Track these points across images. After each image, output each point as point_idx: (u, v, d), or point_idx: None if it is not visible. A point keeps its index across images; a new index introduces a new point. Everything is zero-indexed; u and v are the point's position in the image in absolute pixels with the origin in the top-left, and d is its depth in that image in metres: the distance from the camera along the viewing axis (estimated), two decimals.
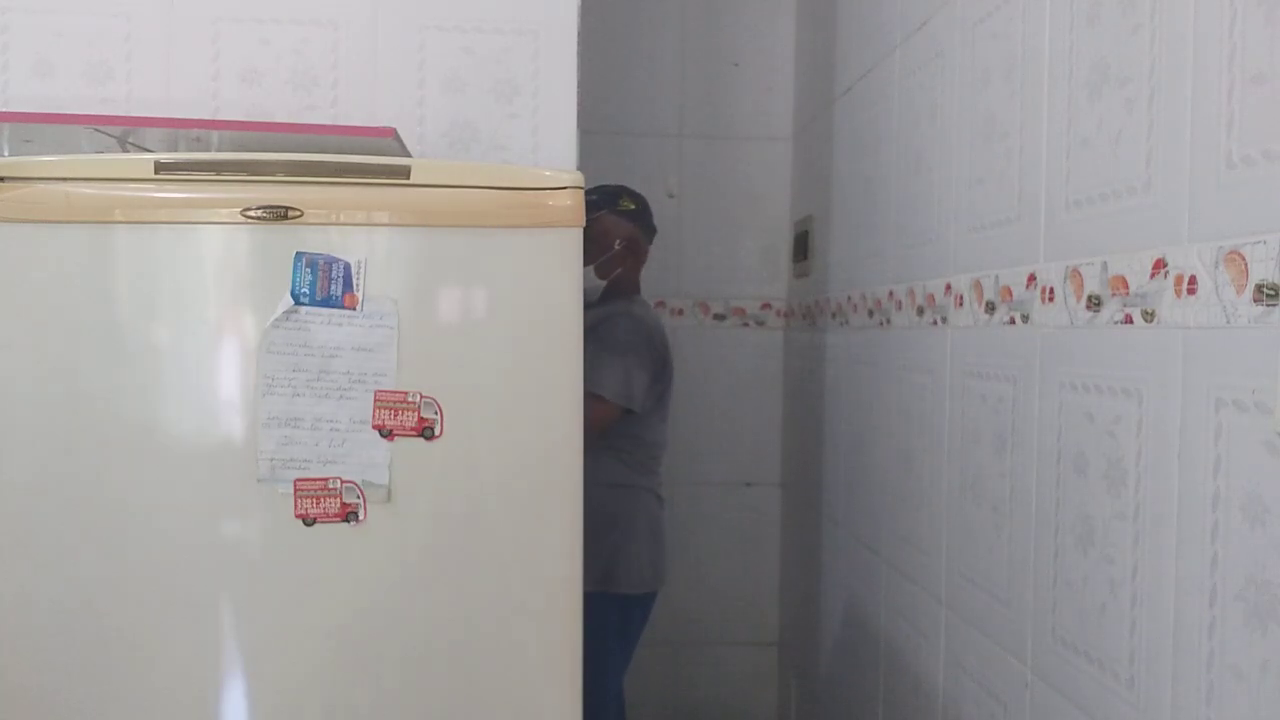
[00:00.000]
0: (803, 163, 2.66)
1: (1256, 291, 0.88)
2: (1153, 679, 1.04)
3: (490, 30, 1.64)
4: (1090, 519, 1.16)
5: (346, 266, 1.17)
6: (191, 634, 1.18)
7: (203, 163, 1.18)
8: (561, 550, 1.22)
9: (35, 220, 1.15)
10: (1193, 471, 0.98)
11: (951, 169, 1.59)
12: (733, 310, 2.78)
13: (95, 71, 1.58)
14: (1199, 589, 0.97)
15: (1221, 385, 0.94)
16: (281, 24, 1.61)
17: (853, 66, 2.17)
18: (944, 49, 1.63)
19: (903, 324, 1.79)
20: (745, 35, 2.76)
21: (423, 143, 1.62)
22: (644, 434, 2.12)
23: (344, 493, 1.18)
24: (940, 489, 1.62)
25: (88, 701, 1.17)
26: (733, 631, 2.82)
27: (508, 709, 1.22)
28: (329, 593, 1.19)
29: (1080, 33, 1.21)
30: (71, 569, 1.16)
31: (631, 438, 2.09)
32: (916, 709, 1.73)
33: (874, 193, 1.99)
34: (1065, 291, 1.21)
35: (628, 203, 2.18)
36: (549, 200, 1.20)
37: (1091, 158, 1.17)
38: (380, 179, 1.18)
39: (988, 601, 1.44)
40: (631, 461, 2.10)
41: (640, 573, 2.10)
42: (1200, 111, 0.98)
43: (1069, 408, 1.21)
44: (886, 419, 1.90)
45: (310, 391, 1.17)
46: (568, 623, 1.22)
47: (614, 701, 2.12)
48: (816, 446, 2.42)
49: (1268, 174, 0.88)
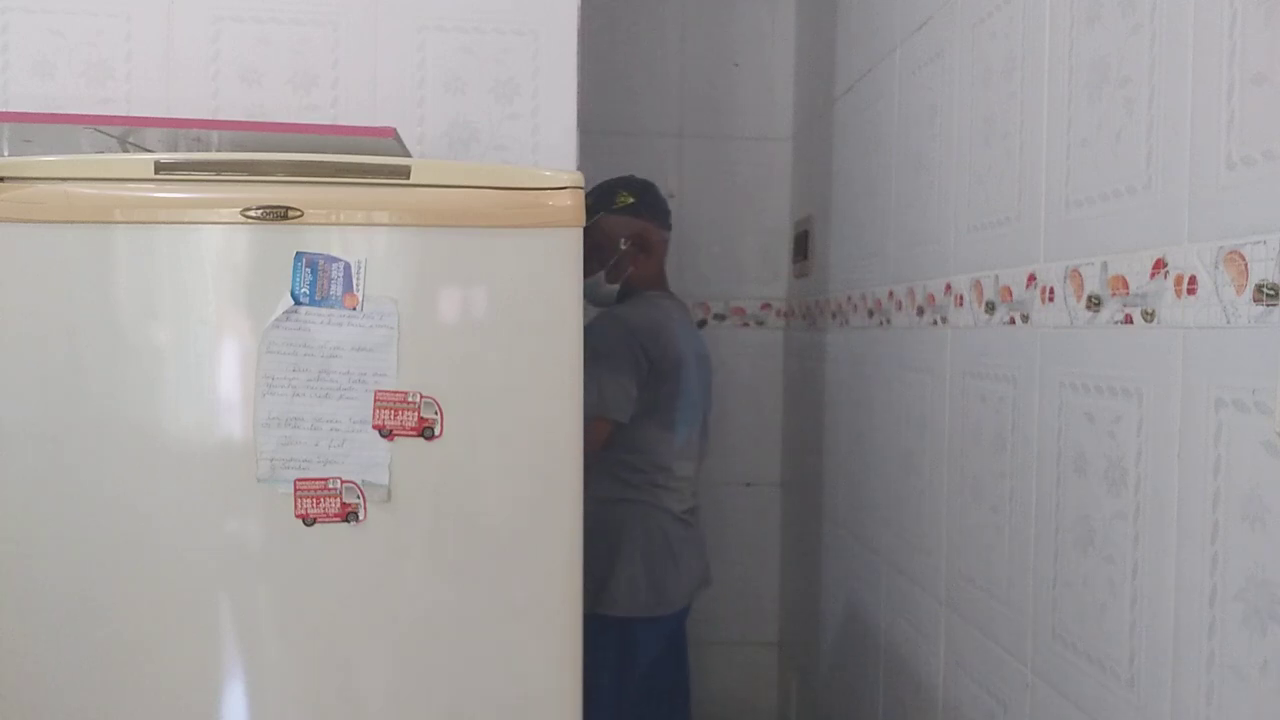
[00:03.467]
0: (803, 163, 2.66)
1: (1256, 291, 0.88)
2: (1153, 679, 1.04)
3: (490, 30, 1.64)
4: (1090, 519, 1.16)
5: (346, 266, 1.17)
6: (191, 634, 1.18)
7: (203, 163, 1.18)
8: (561, 550, 1.22)
9: (35, 220, 1.15)
10: (1193, 471, 0.98)
11: (951, 169, 1.59)
12: (733, 310, 2.78)
13: (95, 71, 1.58)
14: (1199, 589, 0.97)
15: (1221, 385, 0.94)
16: (281, 24, 1.61)
17: (853, 66, 2.17)
18: (944, 49, 1.63)
19: (903, 324, 1.79)
20: (745, 35, 2.76)
21: (423, 143, 1.62)
22: (638, 444, 1.94)
23: (344, 493, 1.18)
24: (940, 489, 1.62)
25: (87, 701, 1.17)
26: (733, 631, 2.82)
27: (507, 709, 1.22)
28: (329, 593, 1.19)
29: (1080, 33, 1.21)
30: (71, 569, 1.16)
31: (623, 449, 1.93)
32: (916, 709, 1.73)
33: (874, 193, 1.99)
34: (1065, 291, 1.21)
35: (625, 197, 2.04)
36: (549, 200, 1.20)
37: (1091, 157, 1.17)
38: (380, 179, 1.18)
39: (988, 601, 1.44)
40: (625, 475, 1.95)
41: (634, 594, 1.93)
42: (1200, 111, 0.98)
43: (1069, 408, 1.21)
44: (886, 419, 1.90)
45: (310, 391, 1.17)
46: (568, 623, 1.22)
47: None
48: (816, 446, 2.42)
49: (1268, 174, 0.88)
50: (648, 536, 1.97)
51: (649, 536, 1.97)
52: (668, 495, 2.00)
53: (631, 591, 1.94)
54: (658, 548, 1.97)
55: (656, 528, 1.98)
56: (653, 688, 2.03)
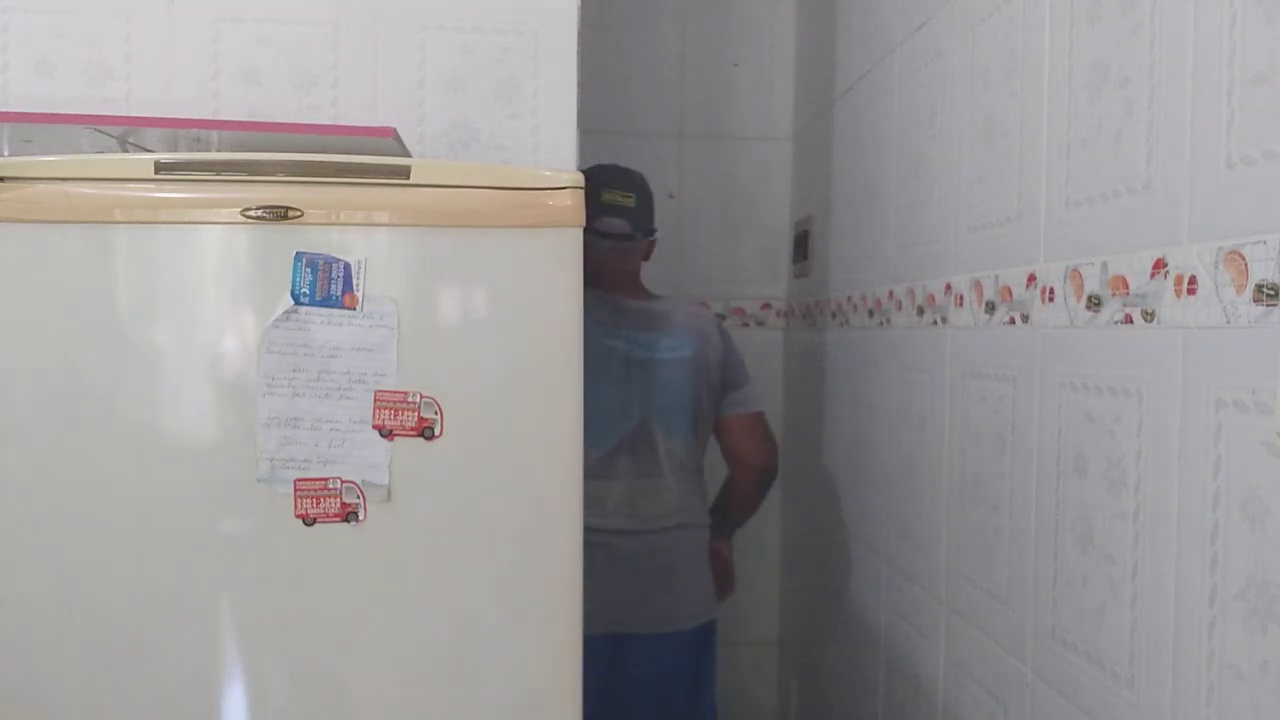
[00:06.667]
0: (803, 163, 2.66)
1: (1256, 291, 0.88)
2: (1153, 679, 1.04)
3: (490, 30, 1.64)
4: (1090, 519, 1.16)
5: (346, 266, 1.17)
6: (190, 634, 1.18)
7: (203, 163, 1.18)
8: (561, 550, 1.22)
9: (35, 220, 1.15)
10: (1193, 471, 0.98)
11: (951, 169, 1.59)
12: (732, 310, 2.78)
13: (95, 71, 1.58)
14: (1199, 589, 0.97)
15: (1221, 385, 0.94)
16: (281, 24, 1.61)
17: (853, 66, 2.17)
18: (944, 49, 1.63)
19: (903, 324, 1.79)
20: (745, 35, 2.76)
21: (423, 143, 1.62)
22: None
23: (344, 493, 1.18)
24: (940, 489, 1.62)
25: (86, 701, 1.17)
26: (733, 631, 2.81)
27: (507, 709, 1.22)
28: (328, 593, 1.19)
29: (1080, 33, 1.21)
30: (70, 568, 1.16)
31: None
32: (916, 709, 1.73)
33: (874, 193, 1.99)
34: (1065, 291, 1.21)
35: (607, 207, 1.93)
36: (549, 200, 1.20)
37: (1091, 158, 1.17)
38: (380, 179, 1.18)
39: (988, 601, 1.44)
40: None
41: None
42: (1200, 111, 0.98)
43: (1069, 408, 1.21)
44: (886, 419, 1.90)
45: (310, 391, 1.17)
46: (568, 623, 1.22)
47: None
48: (816, 446, 2.42)
49: (1268, 174, 0.88)
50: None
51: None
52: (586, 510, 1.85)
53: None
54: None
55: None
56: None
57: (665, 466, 1.93)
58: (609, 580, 1.86)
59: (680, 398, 1.94)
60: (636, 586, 1.91)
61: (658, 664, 1.94)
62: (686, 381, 1.94)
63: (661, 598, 1.94)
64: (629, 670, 1.91)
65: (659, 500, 1.93)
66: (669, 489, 1.94)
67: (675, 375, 1.93)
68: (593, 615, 1.74)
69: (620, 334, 1.92)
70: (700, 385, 1.96)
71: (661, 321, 1.95)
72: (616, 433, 1.90)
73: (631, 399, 1.91)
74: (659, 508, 1.93)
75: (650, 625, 1.92)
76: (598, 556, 1.82)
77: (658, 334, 1.94)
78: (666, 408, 1.93)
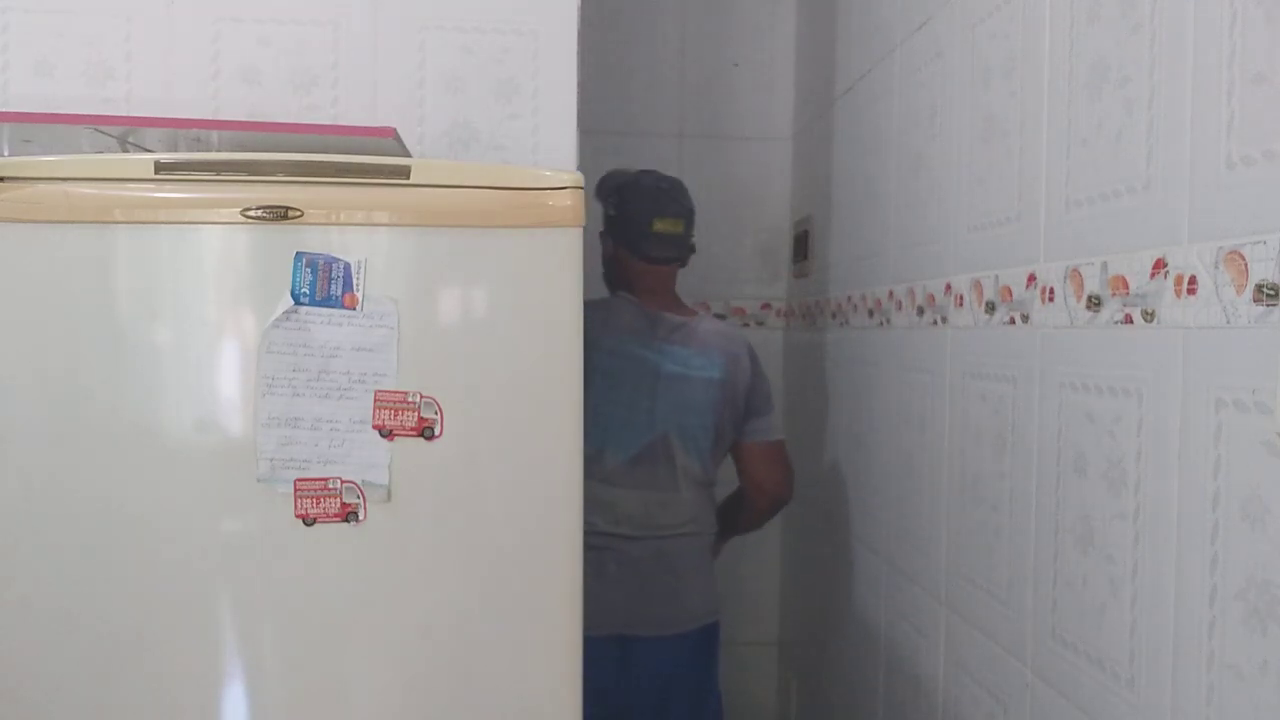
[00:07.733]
0: (803, 163, 2.66)
1: (1256, 291, 0.88)
2: (1153, 679, 1.04)
3: (490, 30, 1.64)
4: (1090, 519, 1.16)
5: (346, 266, 1.17)
6: (191, 634, 1.18)
7: (203, 163, 1.18)
8: (561, 550, 1.22)
9: (35, 220, 1.15)
10: (1193, 471, 0.98)
11: (951, 169, 1.59)
12: (733, 310, 2.78)
13: (95, 71, 1.58)
14: (1199, 589, 0.97)
15: (1221, 385, 0.94)
16: (281, 24, 1.61)
17: (853, 66, 2.17)
18: (944, 49, 1.63)
19: (903, 324, 1.79)
20: (745, 35, 2.76)
21: (423, 143, 1.62)
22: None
23: (344, 493, 1.18)
24: (940, 489, 1.62)
25: (86, 701, 1.17)
26: (733, 631, 2.81)
27: (507, 709, 1.22)
28: (329, 593, 1.19)
29: (1080, 32, 1.21)
30: (70, 569, 1.16)
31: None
32: (916, 709, 1.73)
33: (874, 193, 1.99)
34: (1065, 291, 1.21)
35: (608, 208, 2.02)
36: (549, 200, 1.20)
37: (1091, 157, 1.17)
38: (380, 179, 1.18)
39: (988, 601, 1.44)
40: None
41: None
42: (1200, 111, 0.98)
43: (1069, 408, 1.21)
44: (886, 419, 1.90)
45: (310, 391, 1.17)
46: (568, 623, 1.22)
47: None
48: (816, 446, 2.42)
49: (1268, 174, 0.88)
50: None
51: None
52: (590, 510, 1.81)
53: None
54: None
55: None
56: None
57: (681, 481, 1.95)
58: (616, 583, 1.88)
59: (704, 418, 1.95)
60: (642, 589, 1.93)
61: (662, 665, 1.95)
62: (712, 403, 1.95)
63: (666, 600, 1.95)
64: (633, 671, 1.93)
65: (672, 511, 1.95)
66: (682, 502, 1.95)
67: (702, 395, 1.95)
68: (600, 617, 1.72)
69: (654, 346, 1.95)
70: (724, 409, 1.97)
71: (697, 340, 1.97)
72: (638, 441, 1.91)
73: (656, 411, 1.92)
74: (671, 519, 1.95)
75: (655, 627, 1.93)
76: (607, 561, 1.86)
77: (692, 352, 1.96)
78: (689, 426, 1.94)
